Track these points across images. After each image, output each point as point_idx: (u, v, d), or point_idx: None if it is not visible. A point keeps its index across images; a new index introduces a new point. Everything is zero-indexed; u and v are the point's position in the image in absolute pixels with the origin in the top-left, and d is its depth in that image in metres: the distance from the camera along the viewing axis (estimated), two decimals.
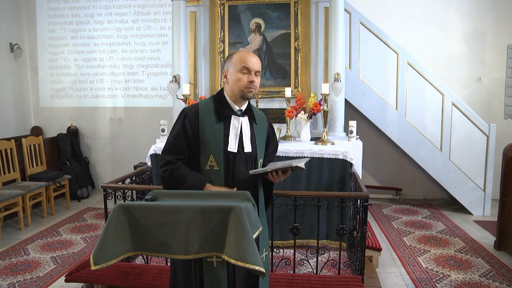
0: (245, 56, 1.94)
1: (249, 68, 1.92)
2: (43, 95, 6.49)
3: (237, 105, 1.99)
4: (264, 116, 2.13)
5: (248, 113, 2.02)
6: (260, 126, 2.05)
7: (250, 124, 2.01)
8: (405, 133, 5.20)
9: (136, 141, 6.27)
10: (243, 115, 1.99)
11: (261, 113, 2.13)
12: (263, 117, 2.11)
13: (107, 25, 6.24)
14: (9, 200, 4.39)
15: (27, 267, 3.61)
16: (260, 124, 2.05)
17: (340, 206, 3.04)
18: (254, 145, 1.99)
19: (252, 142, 1.99)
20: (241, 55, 1.95)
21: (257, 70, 1.95)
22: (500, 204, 3.99)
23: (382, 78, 5.18)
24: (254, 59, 1.95)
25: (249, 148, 1.97)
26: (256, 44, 4.79)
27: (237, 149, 1.93)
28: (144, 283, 2.83)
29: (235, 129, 1.95)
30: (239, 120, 1.97)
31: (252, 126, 2.01)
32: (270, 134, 2.13)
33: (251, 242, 1.55)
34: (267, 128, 2.11)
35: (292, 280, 2.81)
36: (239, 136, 1.96)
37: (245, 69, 1.91)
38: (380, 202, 5.71)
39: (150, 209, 1.63)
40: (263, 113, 2.16)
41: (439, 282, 3.31)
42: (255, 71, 1.94)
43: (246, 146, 1.96)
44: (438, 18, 5.68)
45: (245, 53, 1.97)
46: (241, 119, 1.98)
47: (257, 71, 1.96)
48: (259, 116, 2.07)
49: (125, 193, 3.24)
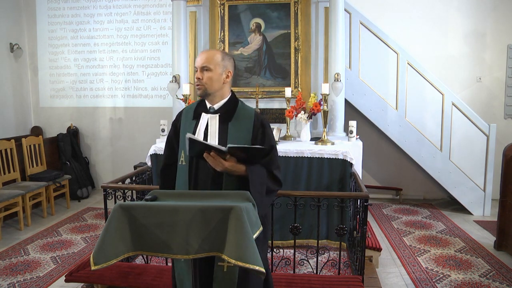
0: (198, 56, 1.98)
1: (196, 67, 1.95)
2: (43, 95, 6.49)
3: (210, 102, 1.99)
4: (253, 115, 1.99)
5: (223, 110, 1.97)
6: (240, 125, 1.95)
7: (221, 122, 1.96)
8: (405, 133, 5.20)
9: (136, 141, 6.27)
10: (216, 112, 1.97)
11: (250, 112, 2.00)
12: (249, 116, 1.98)
13: (107, 25, 6.24)
14: (9, 200, 4.39)
15: (27, 267, 3.61)
16: (240, 123, 1.95)
17: (340, 206, 3.04)
18: (224, 143, 1.89)
19: (222, 141, 1.92)
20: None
21: (202, 66, 1.92)
22: (500, 204, 3.99)
23: (382, 78, 5.18)
24: (203, 55, 1.94)
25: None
26: (256, 44, 4.79)
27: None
28: (144, 283, 2.83)
29: (202, 126, 1.97)
30: (207, 117, 1.97)
31: (226, 124, 1.95)
32: (259, 134, 1.96)
33: (251, 242, 1.55)
34: (254, 128, 1.96)
35: (292, 280, 2.81)
36: (205, 133, 1.95)
37: (195, 68, 1.96)
38: (380, 202, 5.71)
39: (150, 209, 1.63)
40: (255, 112, 2.03)
41: (439, 282, 3.31)
42: (201, 67, 1.92)
43: (210, 142, 1.92)
44: (438, 18, 5.68)
45: (200, 52, 2.03)
46: (209, 116, 1.97)
47: (203, 67, 1.92)
48: (243, 115, 1.97)
49: (125, 193, 3.24)
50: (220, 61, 1.94)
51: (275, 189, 1.98)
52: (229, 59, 1.99)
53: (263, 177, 1.88)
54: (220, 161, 1.78)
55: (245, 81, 4.83)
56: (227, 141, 1.90)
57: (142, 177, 3.89)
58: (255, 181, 1.83)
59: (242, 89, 4.80)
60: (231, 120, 1.95)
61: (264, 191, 1.88)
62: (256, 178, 1.84)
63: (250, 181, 1.82)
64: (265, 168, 1.92)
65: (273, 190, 1.97)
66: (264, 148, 1.86)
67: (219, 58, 1.94)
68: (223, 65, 1.95)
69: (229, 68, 1.98)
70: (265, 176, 1.90)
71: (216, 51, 1.98)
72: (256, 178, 1.85)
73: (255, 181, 1.83)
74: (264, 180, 1.89)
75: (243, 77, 4.84)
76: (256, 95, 4.61)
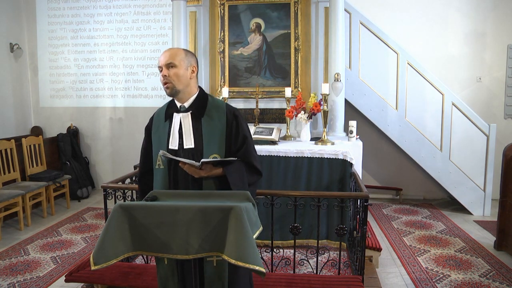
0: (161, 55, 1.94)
1: (161, 66, 1.92)
2: (43, 95, 6.49)
3: (179, 101, 1.98)
4: (224, 107, 1.98)
5: (194, 107, 1.96)
6: (213, 120, 1.94)
7: (193, 120, 1.95)
8: (405, 133, 5.20)
9: (136, 141, 6.26)
10: (188, 110, 1.97)
11: (221, 105, 1.99)
12: (221, 109, 1.97)
13: (107, 25, 6.24)
14: (9, 200, 4.39)
15: (27, 267, 3.61)
16: (213, 117, 1.95)
17: (340, 206, 3.04)
18: (200, 140, 1.92)
19: (197, 138, 1.93)
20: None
21: (167, 63, 1.90)
22: (500, 204, 3.99)
23: (382, 78, 5.18)
24: (166, 53, 1.92)
25: (190, 144, 1.92)
26: (256, 44, 4.79)
27: (178, 147, 1.93)
28: (144, 283, 2.83)
29: (176, 126, 1.96)
30: (179, 116, 1.97)
31: (198, 121, 1.94)
32: (233, 127, 1.95)
33: (251, 242, 1.55)
34: (227, 121, 1.95)
35: (292, 280, 2.81)
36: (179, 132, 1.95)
37: (159, 68, 1.94)
38: (380, 202, 5.71)
39: (150, 209, 1.63)
40: (226, 104, 2.02)
41: (439, 282, 3.31)
42: (166, 64, 1.90)
43: (186, 142, 1.93)
44: (438, 18, 5.68)
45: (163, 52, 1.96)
46: (181, 115, 1.96)
47: (168, 64, 1.90)
48: (215, 109, 1.97)
49: (125, 193, 3.24)
50: (184, 57, 1.94)
51: (257, 180, 2.01)
52: (192, 56, 1.99)
53: (242, 174, 1.90)
54: (196, 171, 1.83)
55: (245, 81, 4.83)
56: (202, 138, 1.92)
57: None
58: (234, 180, 1.86)
59: (242, 89, 4.80)
60: (203, 116, 1.95)
61: (246, 186, 1.91)
62: (235, 178, 1.87)
63: (230, 182, 1.84)
64: (242, 162, 1.93)
65: (255, 181, 2.01)
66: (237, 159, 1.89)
67: (183, 54, 1.94)
68: (188, 60, 1.95)
69: (193, 63, 1.98)
70: (244, 171, 1.92)
71: (178, 49, 1.98)
72: (235, 177, 1.87)
73: (235, 181, 1.86)
74: (243, 176, 1.90)
75: (243, 77, 4.84)
76: (256, 95, 4.61)
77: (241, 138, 1.95)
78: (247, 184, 1.91)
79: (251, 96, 4.72)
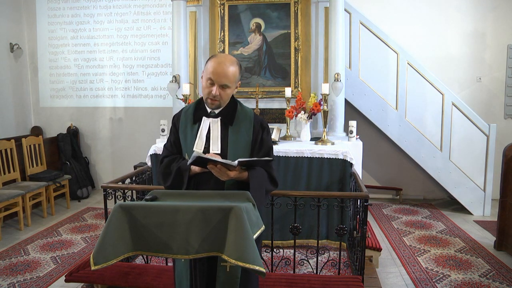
0: (214, 66, 1.85)
1: (213, 80, 1.86)
2: (43, 95, 6.49)
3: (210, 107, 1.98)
4: (252, 116, 1.99)
5: (223, 114, 1.97)
6: (239, 128, 1.96)
7: (222, 126, 1.96)
8: (405, 133, 5.20)
9: (136, 141, 6.27)
10: (217, 116, 1.97)
11: (249, 114, 2.00)
12: (249, 118, 1.98)
13: (107, 25, 6.24)
14: (9, 200, 4.39)
15: (27, 267, 3.61)
16: (240, 126, 1.96)
17: (340, 206, 3.05)
18: (226, 147, 1.93)
19: (224, 144, 1.94)
20: (212, 64, 1.87)
21: (223, 84, 1.86)
22: (500, 204, 3.99)
23: (382, 78, 5.18)
24: (221, 71, 1.84)
25: (217, 149, 1.93)
26: (256, 44, 4.79)
27: (203, 150, 1.93)
28: (144, 283, 2.83)
29: (204, 130, 1.96)
30: (208, 121, 1.97)
31: (226, 128, 1.95)
32: (259, 136, 1.97)
33: (251, 242, 1.55)
34: (253, 130, 1.97)
35: (292, 280, 2.81)
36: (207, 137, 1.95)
37: (210, 80, 1.87)
38: (380, 202, 5.71)
39: (150, 209, 1.63)
40: (254, 113, 2.03)
41: (439, 282, 3.31)
42: (221, 84, 1.86)
43: (213, 147, 1.93)
44: (438, 18, 5.68)
45: (216, 62, 1.86)
46: (210, 120, 1.96)
47: (223, 85, 1.86)
48: (243, 118, 1.98)
49: (125, 193, 3.25)
50: (237, 75, 1.92)
51: (272, 190, 2.03)
52: (240, 69, 1.95)
53: (263, 180, 1.92)
54: (226, 172, 1.79)
55: (245, 81, 4.82)
56: (227, 145, 1.93)
57: (142, 177, 3.89)
58: (255, 185, 1.86)
59: (242, 89, 4.80)
60: (232, 124, 1.96)
61: (264, 193, 1.92)
62: (257, 183, 1.87)
63: (251, 187, 1.84)
64: (265, 171, 1.94)
65: (270, 190, 2.02)
66: (271, 159, 1.91)
67: (237, 74, 1.91)
68: (238, 77, 1.94)
69: (239, 78, 1.97)
70: (265, 179, 1.94)
71: (233, 65, 1.89)
72: (257, 183, 1.87)
73: (255, 186, 1.86)
74: (264, 183, 1.92)
75: (243, 77, 4.83)
76: (256, 95, 4.61)
77: (265, 149, 1.98)
78: (265, 191, 1.94)
79: (251, 96, 4.72)
